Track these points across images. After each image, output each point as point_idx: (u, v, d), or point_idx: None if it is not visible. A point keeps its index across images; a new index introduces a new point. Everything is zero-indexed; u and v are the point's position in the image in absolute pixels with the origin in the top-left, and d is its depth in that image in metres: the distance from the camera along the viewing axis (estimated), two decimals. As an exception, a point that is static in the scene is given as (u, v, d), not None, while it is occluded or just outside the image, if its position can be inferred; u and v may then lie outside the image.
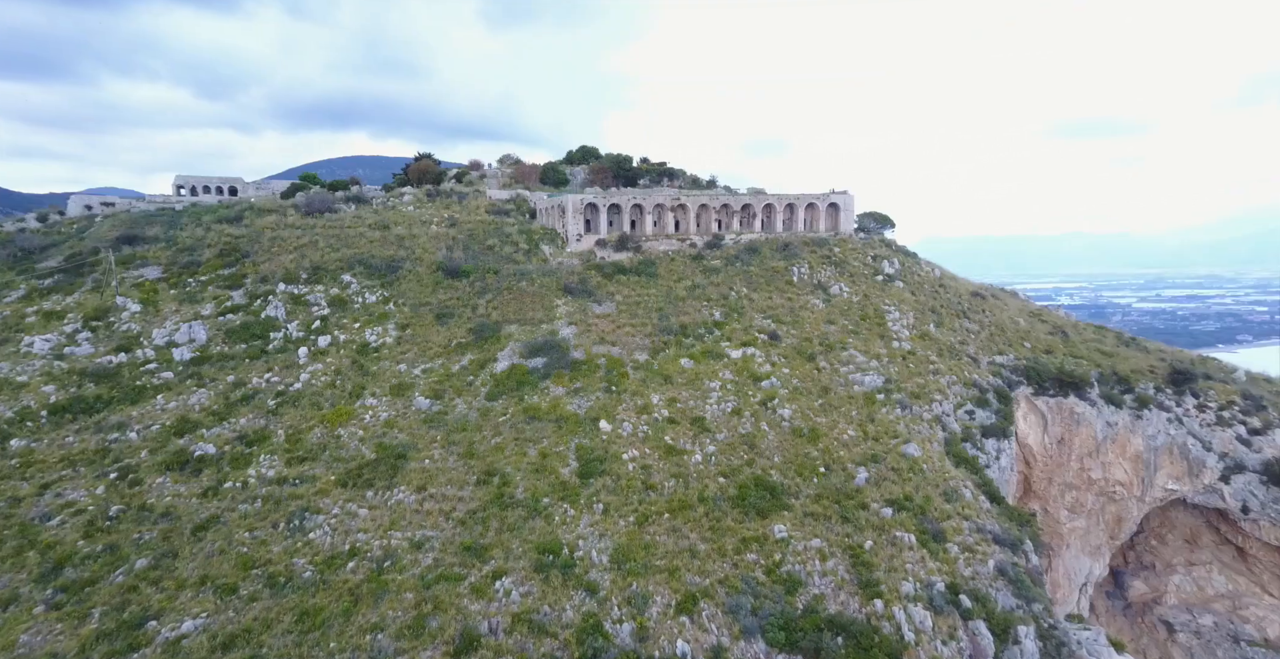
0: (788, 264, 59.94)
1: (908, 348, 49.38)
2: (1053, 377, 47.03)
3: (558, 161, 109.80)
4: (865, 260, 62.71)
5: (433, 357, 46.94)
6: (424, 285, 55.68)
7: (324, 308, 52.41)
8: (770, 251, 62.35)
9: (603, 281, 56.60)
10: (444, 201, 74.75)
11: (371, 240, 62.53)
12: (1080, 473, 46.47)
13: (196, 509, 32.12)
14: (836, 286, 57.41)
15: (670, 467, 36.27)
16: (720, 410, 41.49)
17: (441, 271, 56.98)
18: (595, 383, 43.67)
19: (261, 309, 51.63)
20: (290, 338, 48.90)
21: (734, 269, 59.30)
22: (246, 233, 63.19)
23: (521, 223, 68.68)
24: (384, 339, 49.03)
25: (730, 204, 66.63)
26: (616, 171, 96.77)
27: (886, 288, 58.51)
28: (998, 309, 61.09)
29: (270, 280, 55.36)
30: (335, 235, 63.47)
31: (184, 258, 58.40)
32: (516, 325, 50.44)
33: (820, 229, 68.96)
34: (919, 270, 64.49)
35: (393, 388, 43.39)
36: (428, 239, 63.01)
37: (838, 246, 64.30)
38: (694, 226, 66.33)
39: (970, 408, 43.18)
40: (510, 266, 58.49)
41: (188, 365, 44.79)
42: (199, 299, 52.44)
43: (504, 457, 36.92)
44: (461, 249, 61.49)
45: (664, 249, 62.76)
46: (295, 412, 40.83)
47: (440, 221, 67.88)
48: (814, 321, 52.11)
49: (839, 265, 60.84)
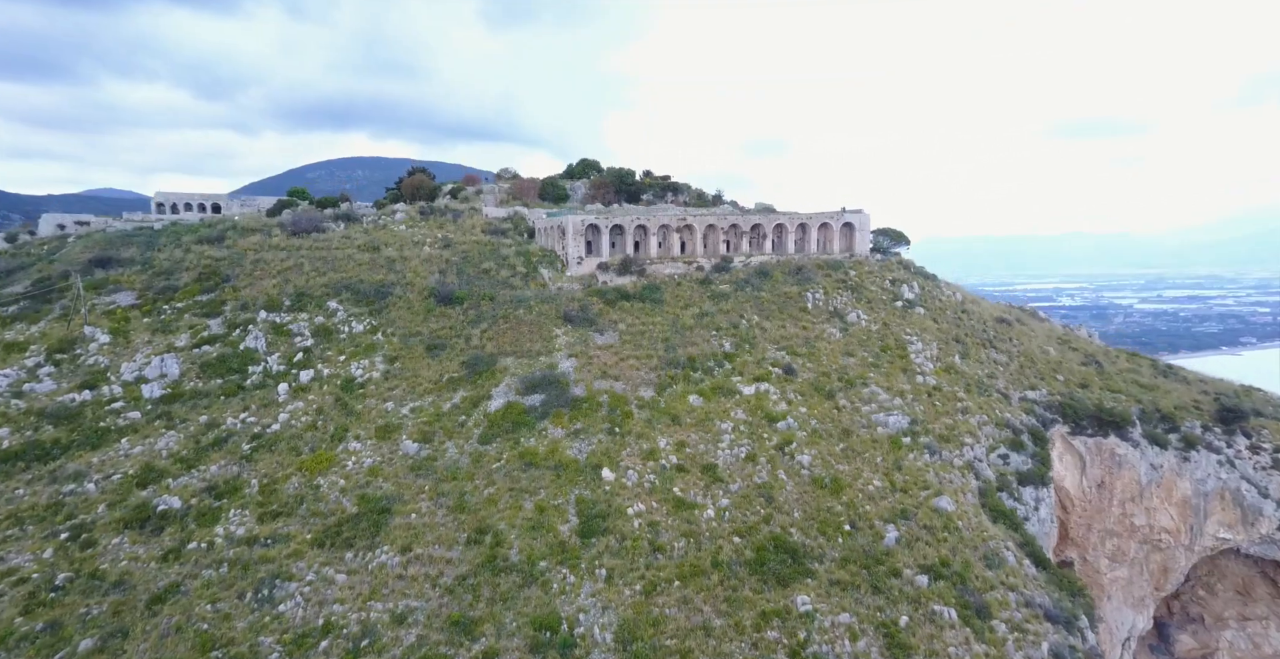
0: (801, 289, 57.53)
1: (933, 383, 46.79)
2: (1090, 414, 44.43)
3: (557, 176, 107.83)
4: (883, 284, 60.29)
5: (422, 393, 44.41)
6: (415, 313, 53.29)
7: (307, 338, 49.97)
8: (782, 275, 59.97)
9: (605, 309, 54.18)
10: (438, 220, 72.55)
11: (360, 263, 60.23)
12: (1122, 519, 43.73)
13: (154, 576, 29.45)
14: (854, 314, 54.93)
15: (680, 523, 33.60)
16: (733, 456, 38.88)
17: (434, 298, 54.61)
18: (597, 423, 41.12)
19: (240, 339, 49.20)
20: (270, 372, 46.41)
21: (744, 295, 56.88)
22: (228, 255, 60.91)
23: (519, 243, 66.45)
24: (371, 373, 46.54)
25: (739, 224, 64.39)
26: (618, 186, 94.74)
27: (907, 315, 56.02)
28: (1025, 336, 58.55)
29: (251, 307, 52.97)
30: (322, 257, 61.20)
31: (160, 282, 56.06)
32: (513, 358, 47.96)
33: (834, 250, 66.63)
34: (940, 294, 62.05)
35: (378, 429, 40.83)
36: (420, 262, 60.71)
37: (853, 269, 61.93)
38: (701, 248, 64.02)
39: (1004, 451, 40.53)
40: (507, 292, 56.12)
41: (157, 404, 42.27)
42: (174, 329, 50.02)
43: (497, 510, 34.30)
44: (455, 273, 59.16)
45: (669, 273, 60.41)
46: (271, 457, 38.25)
47: (433, 242, 65.64)
48: (831, 353, 49.58)
49: (856, 290, 58.41)
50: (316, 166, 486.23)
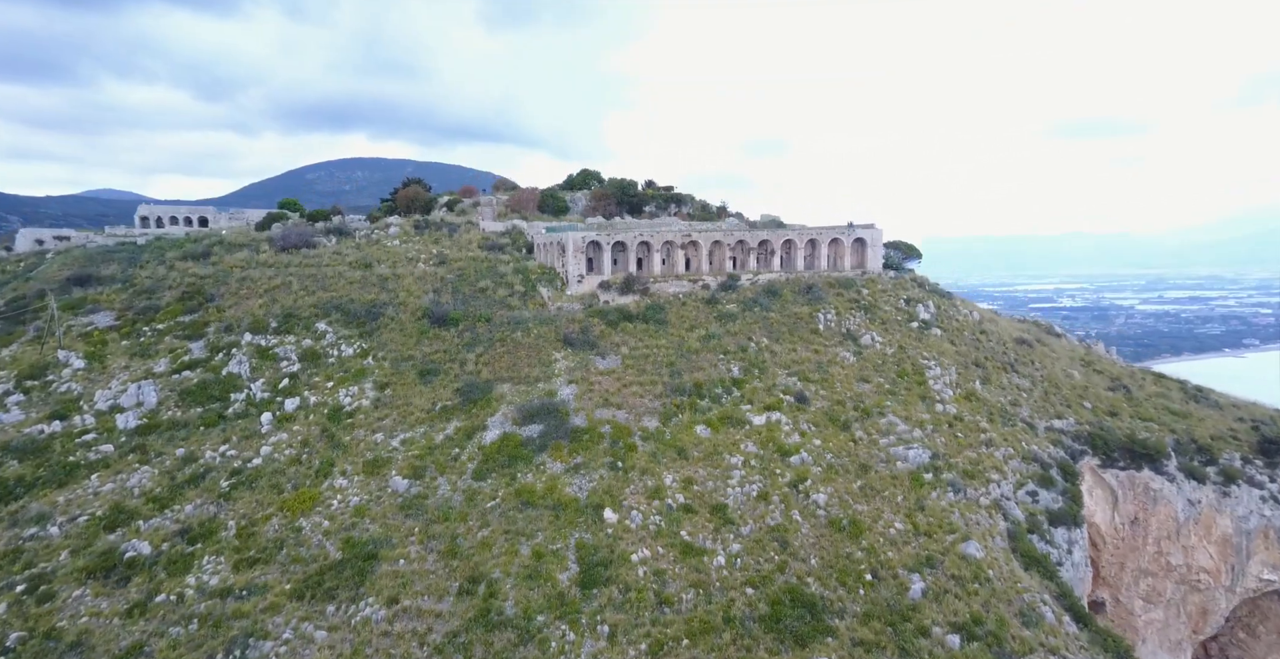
0: (812, 310, 55.69)
1: (953, 412, 44.84)
2: (1122, 445, 42.48)
3: (557, 187, 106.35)
4: (897, 304, 58.44)
5: (414, 424, 42.48)
6: (407, 335, 51.45)
7: (294, 363, 48.10)
8: (792, 294, 58.15)
9: (606, 330, 52.33)
10: (433, 235, 70.91)
11: (351, 281, 58.47)
12: (1157, 558, 41.67)
13: (117, 635, 27.44)
14: (868, 336, 53.04)
15: (688, 572, 31.59)
16: (744, 494, 36.88)
17: (428, 319, 52.80)
18: (598, 457, 39.19)
19: (223, 364, 47.34)
20: (253, 400, 44.52)
21: (752, 315, 55.03)
22: (213, 272, 59.18)
23: (517, 260, 64.72)
24: (360, 401, 44.63)
25: (746, 240, 62.66)
26: (620, 197, 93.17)
27: (923, 337, 54.13)
28: (1047, 359, 56.62)
29: (235, 329, 51.16)
30: (311, 275, 59.45)
31: (141, 302, 54.30)
32: (509, 384, 46.07)
33: (845, 267, 64.84)
34: (956, 314, 60.18)
35: (366, 464, 38.88)
36: (413, 280, 58.95)
37: (866, 288, 60.10)
38: (706, 265, 62.27)
39: (1032, 488, 38.53)
40: (504, 313, 54.31)
41: (132, 435, 40.35)
42: (153, 352, 48.18)
43: (491, 556, 32.31)
44: (450, 292, 57.38)
45: (674, 291, 58.61)
46: (251, 496, 36.28)
47: (428, 259, 63.93)
48: (845, 379, 47.66)
49: (869, 311, 56.55)
50: (316, 167, 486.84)
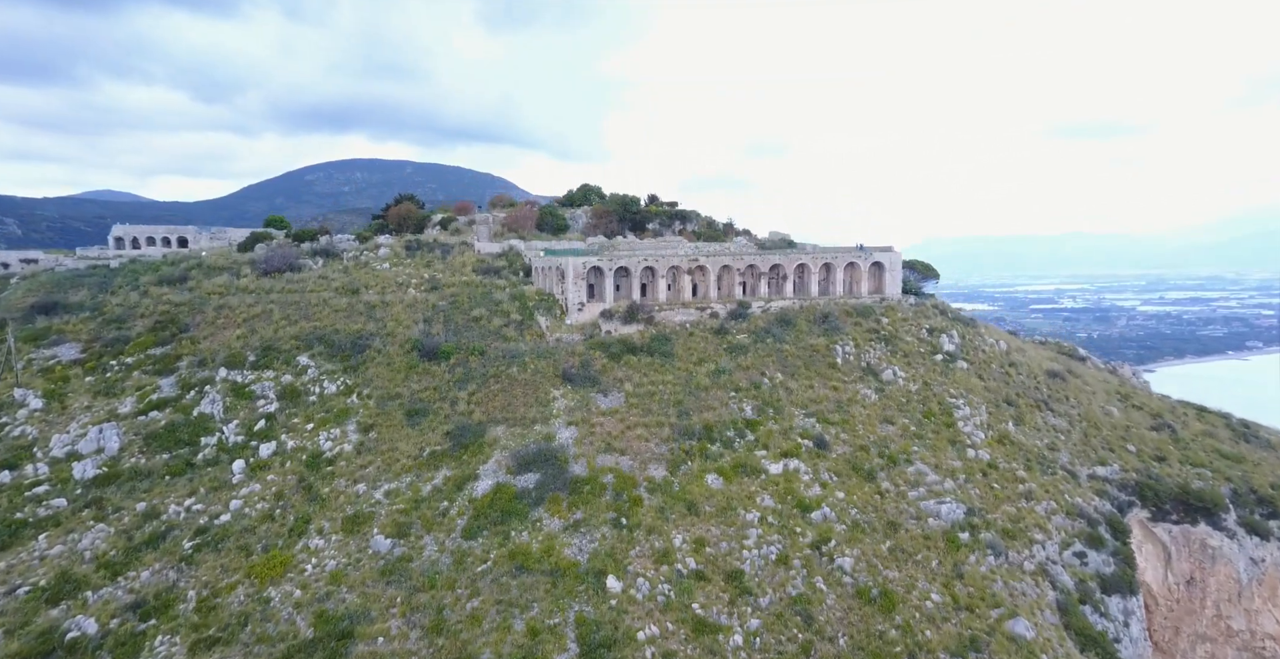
0: (829, 341, 52.93)
1: (986, 458, 41.94)
2: (1174, 496, 39.54)
3: (556, 202, 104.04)
4: (919, 334, 55.69)
5: (399, 472, 39.60)
6: (395, 370, 48.66)
7: (272, 402, 45.29)
8: (807, 324, 55.43)
9: (609, 364, 49.56)
10: (425, 257, 68.30)
11: (337, 309, 55.78)
12: (1217, 622, 38.63)
13: (51, 738, 24.38)
14: (889, 371, 50.24)
15: (701, 653, 28.64)
16: (762, 557, 33.93)
17: (417, 352, 50.05)
18: (600, 511, 36.31)
19: (195, 403, 44.54)
20: (226, 444, 41.68)
21: (765, 347, 52.27)
22: (189, 299, 56.50)
23: (514, 284, 62.05)
24: (342, 446, 41.78)
25: (756, 264, 60.04)
26: (622, 214, 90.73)
27: (949, 371, 51.32)
28: (1082, 394, 53.73)
29: (210, 364, 48.41)
30: (294, 302, 56.77)
31: (110, 332, 51.58)
32: (504, 427, 43.25)
33: (862, 292, 62.16)
34: (982, 344, 57.40)
35: (346, 520, 35.97)
36: (403, 308, 56.24)
37: (885, 316, 57.38)
38: (714, 291, 59.61)
39: (1080, 548, 35.57)
40: (499, 345, 51.57)
41: (89, 487, 37.47)
42: (119, 390, 45.40)
43: (481, 633, 29.35)
44: (442, 321, 54.66)
45: (680, 320, 55.90)
46: (216, 559, 33.36)
47: (419, 283, 61.28)
48: (867, 420, 44.81)
49: (890, 342, 53.79)
50: (315, 169, 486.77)
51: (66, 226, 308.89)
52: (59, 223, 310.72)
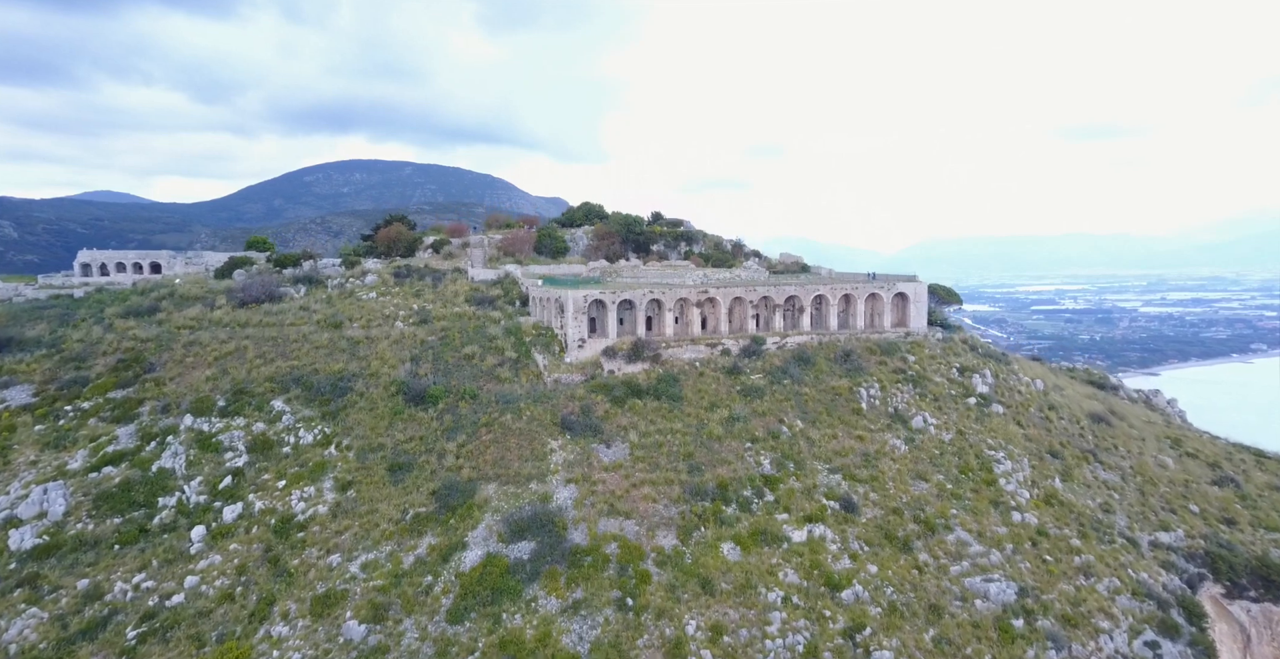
0: (852, 383, 49.50)
1: (1034, 522, 38.39)
2: (1252, 570, 35.97)
3: (556, 220, 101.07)
4: (949, 374, 52.27)
5: (379, 539, 36.05)
6: (379, 417, 45.23)
7: (241, 454, 41.82)
8: (827, 363, 52.04)
9: (612, 410, 46.09)
10: (414, 285, 65.09)
11: (317, 346, 52.45)
12: (1295, 714, 34.93)
13: None
14: (919, 417, 46.78)
15: (724, 779, 24.92)
16: (787, 648, 30.34)
17: (403, 395, 46.65)
18: (603, 589, 32.76)
19: (155, 457, 41.08)
20: (186, 505, 38.17)
21: (782, 389, 48.83)
22: (157, 334, 53.21)
23: (509, 316, 58.76)
24: (316, 507, 38.25)
25: (771, 296, 56.73)
26: (625, 235, 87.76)
27: (984, 417, 47.87)
28: (1131, 440, 50.20)
29: (175, 409, 45.01)
30: (272, 338, 53.45)
31: (67, 372, 48.22)
32: (496, 485, 39.73)
33: (884, 325, 58.83)
34: (1017, 383, 53.96)
35: (316, 600, 32.38)
36: (389, 345, 52.90)
37: (912, 354, 53.98)
38: (726, 325, 56.26)
39: (1152, 636, 31.93)
40: (493, 387, 48.15)
41: (25, 560, 33.93)
42: (71, 441, 41.97)
43: (466, 748, 25.67)
44: (431, 360, 51.29)
45: (690, 358, 52.50)
46: (163, 652, 29.78)
47: (408, 316, 57.98)
48: (898, 477, 41.29)
49: (918, 383, 50.35)
50: (314, 169, 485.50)
51: (63, 228, 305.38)
52: (55, 225, 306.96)
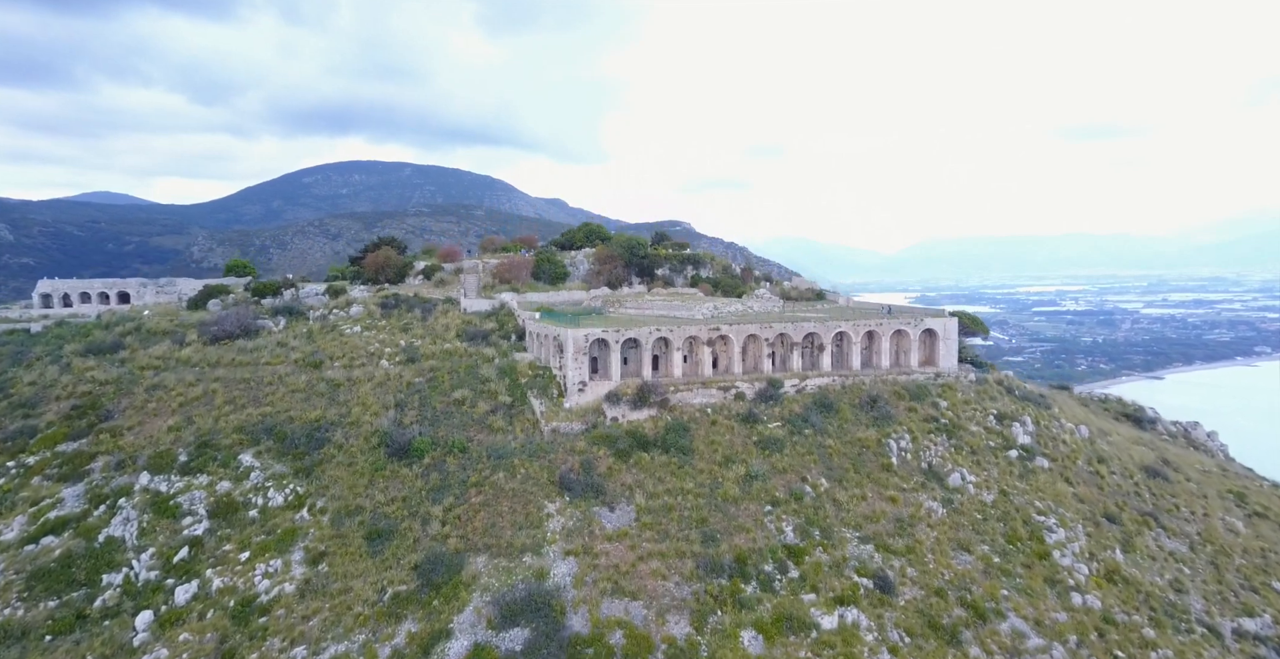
0: (880, 433, 45.77)
1: (1098, 607, 34.51)
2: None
3: (555, 242, 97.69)
4: (986, 421, 48.52)
5: (351, 626, 32.22)
6: (357, 473, 41.52)
7: (201, 520, 38.09)
8: (851, 409, 48.32)
9: (615, 465, 42.32)
10: (403, 317, 61.50)
11: (294, 389, 48.84)
12: None
13: None
14: (956, 474, 42.98)
15: None
16: (825, 773, 26.31)
17: (385, 448, 42.94)
18: (608, 692, 28.80)
19: (104, 523, 37.44)
20: (134, 584, 34.39)
21: (804, 441, 45.08)
22: (118, 376, 49.60)
23: (503, 352, 55.10)
24: (282, 585, 34.44)
25: (788, 334, 53.08)
26: (628, 259, 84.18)
27: (1028, 473, 44.06)
28: (1193, 498, 46.33)
29: (131, 465, 41.38)
30: (244, 380, 49.83)
31: (15, 421, 44.71)
32: (486, 557, 35.91)
33: (911, 364, 55.15)
34: (1060, 431, 50.18)
35: (274, 706, 28.44)
36: (372, 388, 49.24)
37: (943, 398, 50.25)
38: (739, 365, 52.58)
39: (1242, 755, 27.95)
40: (484, 438, 44.44)
41: (-55, 656, 30.01)
42: (9, 506, 38.60)
43: None
44: (418, 406, 47.60)
45: (700, 403, 48.78)
46: (92, 778, 25.79)
47: (394, 353, 54.32)
48: (938, 548, 37.44)
49: (952, 433, 46.60)
50: (313, 170, 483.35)
51: (60, 231, 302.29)
52: (52, 227, 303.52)
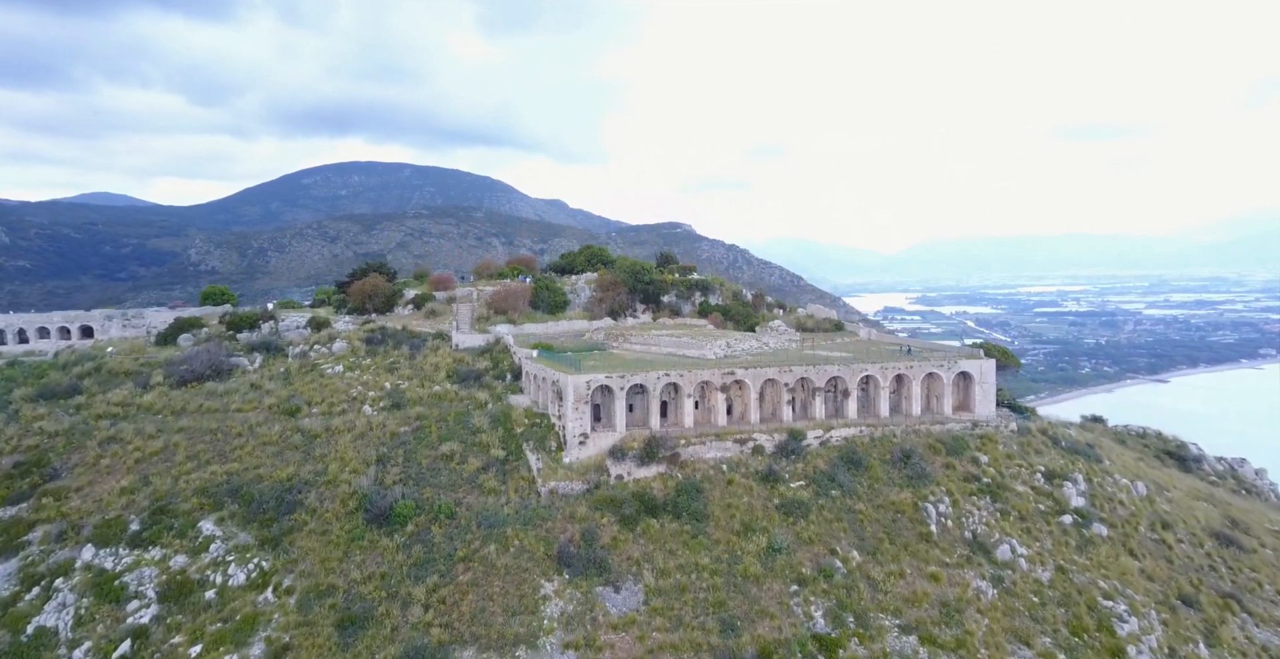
0: (916, 495, 41.77)
1: (1182, 716, 30.24)
2: None
3: (554, 265, 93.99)
4: (1033, 481, 44.50)
5: (314, 743, 28.01)
6: (332, 544, 37.55)
7: (150, 604, 34.09)
8: (882, 465, 44.34)
9: (621, 535, 38.30)
10: (389, 354, 57.65)
11: (265, 441, 44.92)
12: None
13: None
14: (1005, 545, 38.91)
15: None
16: None
17: (364, 513, 38.92)
18: None
19: (35, 610, 33.52)
20: (66, 687, 30.20)
21: (831, 505, 41.07)
22: (70, 426, 45.69)
23: (497, 397, 51.21)
24: (236, 687, 30.25)
25: (809, 378, 49.13)
26: (632, 285, 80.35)
27: (1087, 545, 40.00)
28: (1274, 571, 42.06)
29: (74, 536, 37.45)
30: (211, 431, 45.94)
31: (-48, 483, 40.60)
32: (474, 650, 31.96)
33: (944, 410, 51.20)
34: (1114, 488, 46.13)
35: None
36: (351, 440, 45.31)
37: (983, 452, 46.26)
38: (755, 412, 48.61)
39: None
40: (475, 500, 40.46)
41: None
42: (-67, 589, 34.12)
43: None
44: (402, 461, 43.66)
45: (715, 457, 44.80)
46: None
47: (378, 398, 50.42)
48: (992, 639, 33.31)
49: (997, 495, 42.56)
50: (312, 171, 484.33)
51: (56, 233, 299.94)
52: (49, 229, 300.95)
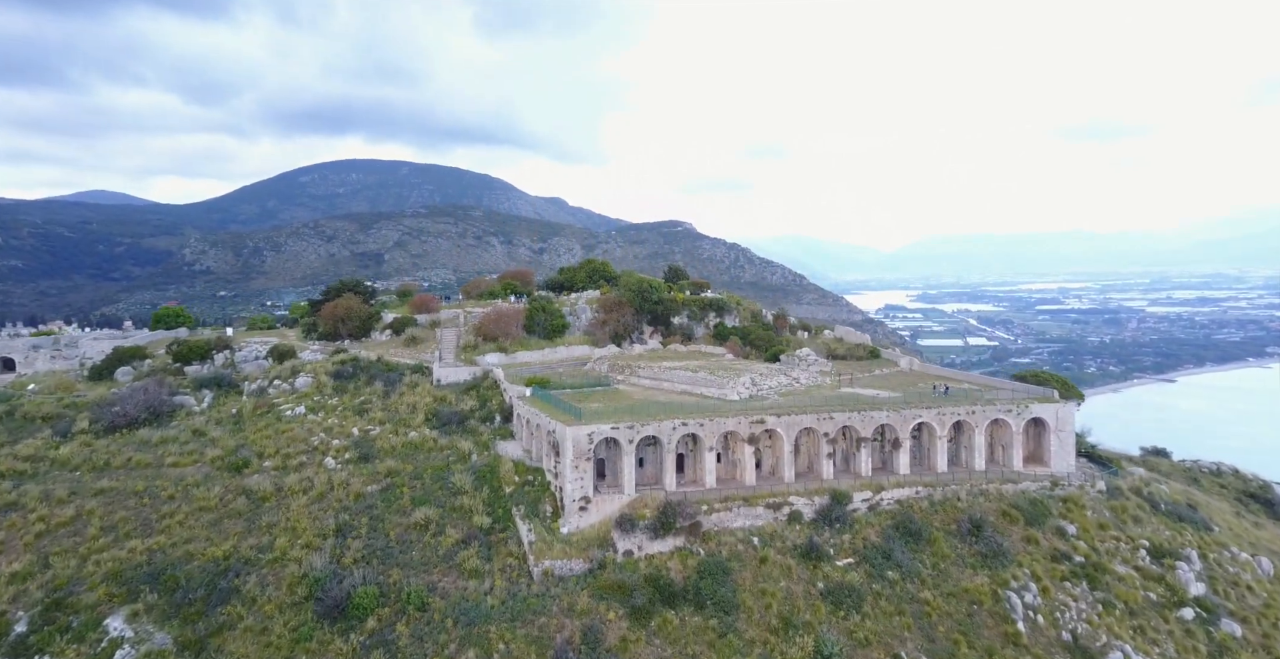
0: (993, 580, 34.92)
1: None
2: None
3: (553, 282, 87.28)
4: (1135, 559, 37.59)
5: None
6: (271, 647, 31.19)
7: (29, 736, 27.28)
8: (946, 538, 37.53)
9: (631, 633, 31.58)
10: (360, 392, 51.21)
11: (201, 507, 38.50)
12: None
13: None
14: (1117, 653, 31.95)
15: None
16: None
17: (315, 604, 32.25)
18: None
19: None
20: None
21: (888, 591, 34.25)
22: (-33, 490, 39.08)
23: (483, 446, 44.71)
24: None
25: (853, 426, 42.37)
26: (639, 304, 73.75)
27: (1220, 650, 33.01)
28: None
29: (-50, 640, 30.67)
30: (135, 494, 39.50)
31: None
32: None
33: (1013, 463, 44.41)
34: (1235, 567, 39.11)
35: None
36: (307, 503, 38.84)
37: (1069, 519, 39.39)
38: (789, 467, 41.88)
39: None
40: (452, 585, 33.88)
41: None
42: None
43: None
44: (366, 531, 37.15)
45: (743, 526, 38.07)
46: None
47: (343, 448, 43.96)
48: None
49: (1094, 580, 35.63)
50: (309, 170, 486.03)
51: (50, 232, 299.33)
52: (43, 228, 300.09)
